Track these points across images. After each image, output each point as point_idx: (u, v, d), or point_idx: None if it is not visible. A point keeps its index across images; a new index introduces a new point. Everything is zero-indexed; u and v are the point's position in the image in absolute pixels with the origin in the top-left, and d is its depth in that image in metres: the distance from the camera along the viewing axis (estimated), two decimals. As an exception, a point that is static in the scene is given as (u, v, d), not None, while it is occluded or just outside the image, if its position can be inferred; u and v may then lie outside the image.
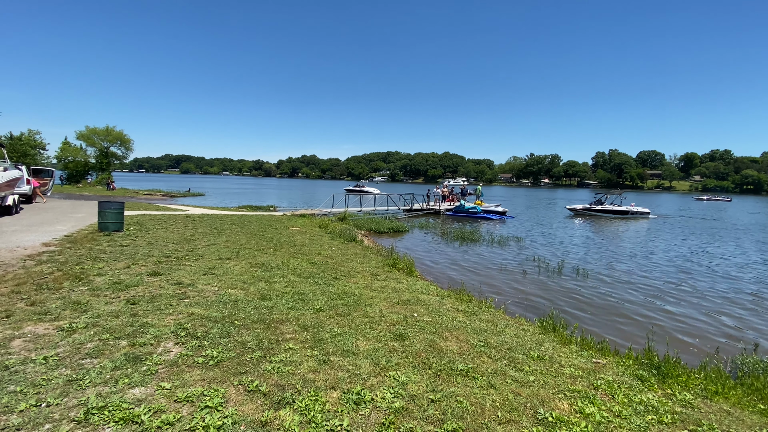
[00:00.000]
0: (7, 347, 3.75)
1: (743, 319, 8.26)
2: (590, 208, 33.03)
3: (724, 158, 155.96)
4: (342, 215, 21.34)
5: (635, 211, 32.50)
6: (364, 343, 4.44)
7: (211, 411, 2.91)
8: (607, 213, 32.34)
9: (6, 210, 13.39)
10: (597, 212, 32.62)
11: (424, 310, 6.04)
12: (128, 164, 58.08)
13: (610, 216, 31.82)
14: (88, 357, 3.64)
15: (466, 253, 14.33)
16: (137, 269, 7.10)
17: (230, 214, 19.15)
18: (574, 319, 7.63)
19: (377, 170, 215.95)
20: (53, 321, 4.46)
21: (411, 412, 3.12)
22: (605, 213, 32.36)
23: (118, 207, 11.26)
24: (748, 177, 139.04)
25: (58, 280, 6.05)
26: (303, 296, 6.09)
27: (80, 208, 18.11)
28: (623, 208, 32.45)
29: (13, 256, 7.61)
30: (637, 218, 31.72)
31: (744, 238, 21.88)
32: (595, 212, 32.66)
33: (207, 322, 4.68)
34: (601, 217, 31.59)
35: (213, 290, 6.09)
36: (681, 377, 4.41)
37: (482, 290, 9.18)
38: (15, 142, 38.26)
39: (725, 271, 12.98)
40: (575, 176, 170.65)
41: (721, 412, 3.71)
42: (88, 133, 45.27)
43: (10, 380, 3.16)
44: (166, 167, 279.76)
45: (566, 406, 3.43)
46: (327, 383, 3.45)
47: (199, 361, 3.68)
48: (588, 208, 33.10)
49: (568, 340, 5.45)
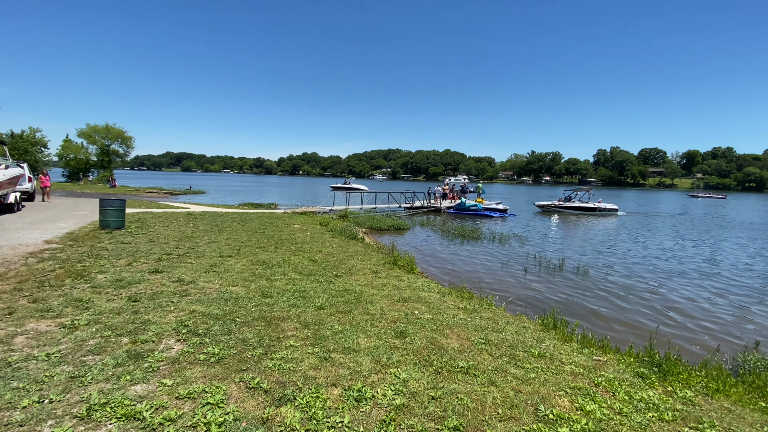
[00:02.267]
0: (10, 344, 3.77)
1: (744, 316, 8.25)
2: (558, 205, 32.83)
3: (727, 156, 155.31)
4: (343, 213, 21.35)
5: (603, 208, 32.29)
6: (365, 340, 4.45)
7: (212, 408, 2.92)
8: (575, 210, 32.15)
9: (8, 207, 13.42)
10: (565, 209, 32.42)
11: (425, 307, 6.05)
12: (129, 162, 58.14)
13: (578, 213, 31.61)
14: (90, 354, 3.66)
15: (467, 251, 14.33)
16: (139, 267, 7.12)
17: (231, 212, 19.16)
18: (575, 316, 7.63)
19: (378, 168, 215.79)
20: (55, 318, 4.47)
21: (412, 410, 3.12)
22: (573, 210, 32.16)
23: (120, 205, 11.29)
24: (751, 174, 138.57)
25: (60, 278, 6.07)
26: (304, 293, 6.10)
27: (82, 205, 18.15)
28: (591, 205, 32.33)
29: (16, 253, 7.63)
30: (605, 215, 31.50)
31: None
32: (563, 209, 32.46)
33: (208, 320, 4.69)
34: (569, 214, 31.33)
35: (214, 288, 6.11)
36: (682, 375, 4.41)
37: (483, 288, 9.18)
38: (16, 140, 38.32)
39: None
40: (577, 174, 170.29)
41: (722, 410, 3.71)
42: (89, 130, 45.39)
43: (13, 377, 3.18)
44: (167, 165, 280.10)
45: (567, 404, 3.43)
46: (328, 380, 3.46)
47: (201, 358, 3.70)
48: (556, 205, 32.88)
49: (568, 338, 5.45)
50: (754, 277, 11.94)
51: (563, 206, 32.67)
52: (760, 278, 11.75)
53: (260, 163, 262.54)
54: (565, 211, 32.26)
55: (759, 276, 12.05)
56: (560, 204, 32.95)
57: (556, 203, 33.21)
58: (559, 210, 32.49)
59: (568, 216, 30.11)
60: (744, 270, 12.84)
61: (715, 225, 27.62)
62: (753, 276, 12.02)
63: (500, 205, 29.11)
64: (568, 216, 30.09)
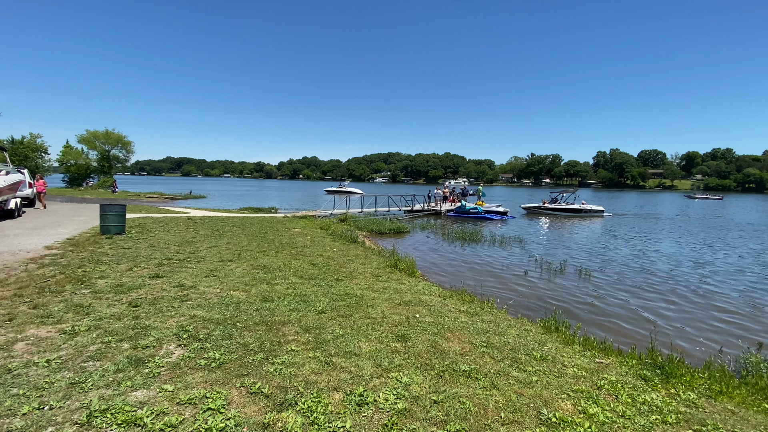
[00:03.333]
0: (10, 350, 3.76)
1: (746, 317, 8.22)
2: (544, 207, 32.72)
3: (726, 157, 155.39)
4: (343, 216, 21.34)
5: (588, 210, 32.18)
6: (367, 344, 4.43)
7: (213, 413, 2.91)
8: (560, 212, 32.02)
9: (8, 213, 13.43)
10: (550, 211, 32.29)
11: (426, 311, 6.03)
12: (129, 167, 58.25)
13: (564, 215, 31.49)
14: (91, 360, 3.65)
15: (467, 254, 14.31)
16: (139, 272, 7.11)
17: (231, 216, 19.16)
18: (577, 319, 7.61)
19: (378, 171, 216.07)
20: (56, 324, 4.46)
21: (414, 414, 3.11)
22: (559, 212, 32.02)
23: (120, 210, 11.29)
24: (750, 175, 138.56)
25: (61, 283, 6.06)
26: (305, 298, 6.08)
27: (82, 211, 18.16)
28: (576, 207, 32.24)
29: (16, 259, 7.63)
30: (591, 217, 31.40)
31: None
32: (548, 211, 32.33)
33: (209, 324, 4.68)
34: (555, 216, 31.17)
35: (215, 292, 6.10)
36: (685, 377, 4.38)
37: (484, 291, 9.16)
38: (17, 146, 38.40)
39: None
40: (576, 176, 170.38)
41: (725, 412, 3.69)
42: (89, 136, 45.48)
43: (13, 383, 3.16)
44: (167, 170, 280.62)
45: (570, 407, 3.42)
46: (329, 385, 3.45)
47: (202, 363, 3.68)
48: (542, 207, 32.75)
49: (570, 340, 5.43)
50: (754, 278, 11.91)
51: (549, 208, 32.60)
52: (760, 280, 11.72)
53: (260, 167, 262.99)
54: (551, 213, 32.19)
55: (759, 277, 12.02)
56: (545, 206, 32.90)
57: (541, 205, 33.13)
58: (545, 212, 32.39)
59: (556, 218, 30.05)
60: (744, 270, 12.82)
61: (707, 226, 27.53)
62: (754, 277, 11.99)
63: (500, 208, 29.12)
64: (555, 218, 30.02)
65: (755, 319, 8.23)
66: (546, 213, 32.23)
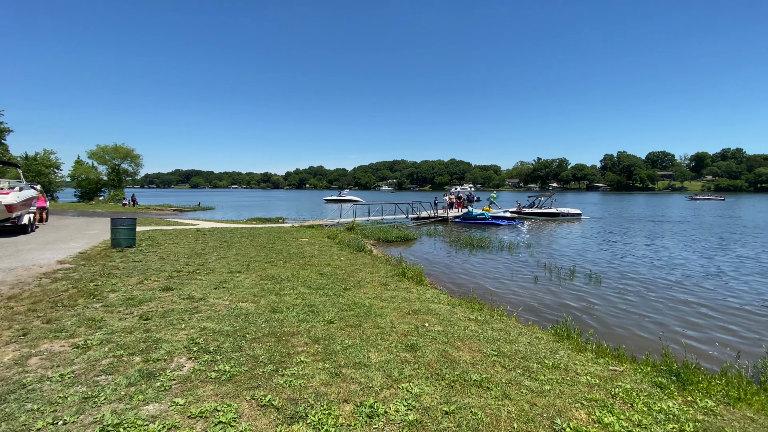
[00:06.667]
0: (24, 365, 3.80)
1: (762, 322, 8.04)
2: (520, 211, 32.52)
3: (737, 157, 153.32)
4: (350, 225, 21.39)
5: (566, 213, 31.95)
6: (376, 354, 4.41)
7: (224, 426, 2.91)
8: (538, 216, 31.84)
9: (22, 228, 13.68)
10: (527, 215, 32.11)
11: (435, 319, 6.00)
12: (139, 180, 59.17)
13: (542, 219, 31.28)
14: (103, 374, 3.68)
15: (475, 260, 14.23)
16: (150, 284, 7.18)
17: (240, 227, 19.31)
18: (589, 326, 7.50)
19: (384, 179, 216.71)
20: (69, 338, 4.52)
21: (425, 425, 3.08)
22: (536, 216, 31.85)
23: (131, 223, 11.44)
24: (762, 175, 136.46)
25: (73, 298, 6.14)
26: (313, 308, 6.09)
27: (93, 224, 18.43)
28: (554, 210, 32.05)
29: (30, 274, 7.75)
30: (569, 220, 31.13)
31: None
32: (525, 215, 32.14)
33: (219, 337, 4.70)
34: (534, 220, 30.99)
35: (224, 304, 6.13)
36: (701, 383, 4.29)
37: (493, 298, 9.09)
38: (30, 162, 39.25)
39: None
40: (584, 179, 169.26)
41: (744, 419, 3.60)
42: (98, 151, 46.36)
43: (28, 398, 3.20)
44: (176, 182, 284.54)
45: (584, 416, 3.36)
46: (339, 396, 3.43)
47: (212, 376, 3.69)
48: (519, 212, 32.50)
49: (583, 348, 5.35)
50: (764, 280, 11.66)
51: (526, 212, 32.46)
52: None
53: (267, 177, 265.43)
54: (529, 217, 32.04)
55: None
56: (521, 210, 32.73)
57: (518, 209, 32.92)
58: (525, 216, 32.12)
59: (534, 222, 29.86)
60: (754, 273, 12.56)
61: (695, 228, 27.05)
62: (763, 279, 11.75)
63: (508, 213, 28.98)
64: (534, 222, 29.83)
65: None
66: (525, 217, 32.07)
